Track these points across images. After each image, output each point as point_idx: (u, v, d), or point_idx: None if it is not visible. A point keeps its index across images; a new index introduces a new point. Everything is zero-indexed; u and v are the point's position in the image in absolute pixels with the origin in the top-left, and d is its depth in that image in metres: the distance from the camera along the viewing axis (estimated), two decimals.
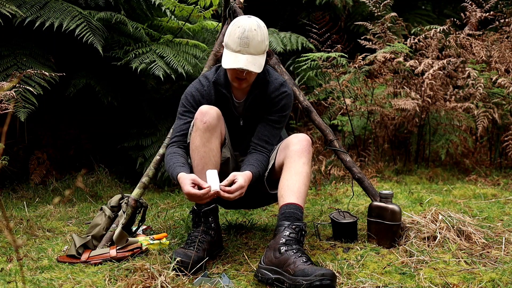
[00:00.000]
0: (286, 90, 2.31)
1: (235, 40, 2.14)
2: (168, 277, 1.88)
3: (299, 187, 2.11)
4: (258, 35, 2.15)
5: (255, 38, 2.14)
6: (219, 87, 2.31)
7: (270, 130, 2.31)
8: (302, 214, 2.08)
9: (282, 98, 2.30)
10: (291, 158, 2.16)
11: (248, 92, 2.32)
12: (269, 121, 2.32)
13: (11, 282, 1.95)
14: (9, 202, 3.30)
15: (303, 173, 2.13)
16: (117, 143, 4.04)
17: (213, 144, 2.18)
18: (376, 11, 4.38)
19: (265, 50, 2.20)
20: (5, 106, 2.63)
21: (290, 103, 2.34)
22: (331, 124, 4.53)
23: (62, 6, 3.48)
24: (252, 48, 2.14)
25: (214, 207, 2.23)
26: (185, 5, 4.01)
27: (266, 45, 2.19)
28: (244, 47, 2.13)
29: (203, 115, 2.16)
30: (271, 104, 2.30)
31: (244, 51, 2.13)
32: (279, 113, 2.31)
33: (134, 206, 2.42)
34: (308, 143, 2.20)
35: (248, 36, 2.13)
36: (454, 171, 4.29)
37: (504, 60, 4.21)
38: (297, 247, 1.96)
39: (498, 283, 1.87)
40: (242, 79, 2.20)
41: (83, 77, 3.83)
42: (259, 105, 2.32)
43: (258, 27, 2.16)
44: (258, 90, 2.30)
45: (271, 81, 2.31)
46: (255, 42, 2.14)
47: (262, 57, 2.18)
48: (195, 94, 2.32)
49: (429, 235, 2.30)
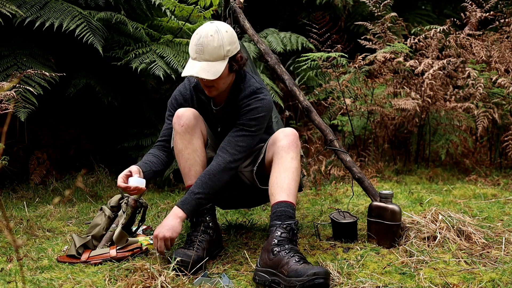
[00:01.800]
0: (258, 96, 2.22)
1: (192, 47, 2.13)
2: (168, 277, 1.88)
3: (289, 184, 2.09)
4: (215, 41, 2.09)
5: (210, 44, 2.08)
6: (198, 93, 2.32)
7: (236, 132, 2.22)
8: (294, 211, 2.07)
9: (251, 103, 2.21)
10: (279, 154, 2.14)
11: (225, 98, 2.29)
12: (237, 124, 2.24)
13: (11, 282, 1.95)
14: (9, 202, 3.29)
15: (292, 168, 2.12)
16: (117, 143, 4.04)
17: (196, 145, 2.19)
18: (376, 11, 4.38)
19: (225, 55, 2.12)
20: (5, 106, 2.64)
21: (262, 107, 2.22)
22: (331, 124, 4.53)
23: (62, 6, 3.48)
24: (207, 55, 2.09)
25: (211, 206, 2.24)
26: (185, 5, 4.01)
27: (227, 50, 2.11)
28: (199, 54, 2.10)
29: (180, 118, 2.19)
30: (241, 109, 2.24)
31: (200, 58, 2.11)
32: (247, 115, 2.21)
33: (134, 206, 2.42)
34: (295, 137, 2.17)
35: (203, 42, 2.09)
36: (454, 171, 4.29)
37: (504, 60, 4.21)
38: (289, 247, 1.96)
39: (498, 283, 1.87)
40: (209, 86, 2.18)
41: (83, 77, 3.83)
42: (233, 112, 2.27)
43: (216, 33, 2.10)
44: (232, 97, 2.27)
45: (243, 88, 2.25)
46: (210, 48, 2.09)
47: (219, 63, 2.11)
48: (178, 98, 2.35)
49: (429, 235, 2.30)
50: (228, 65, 2.15)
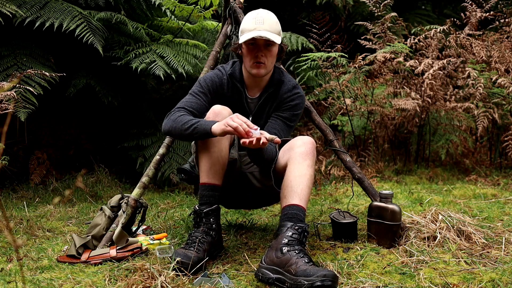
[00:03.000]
0: (299, 92, 2.35)
1: (250, 20, 2.22)
2: (168, 277, 1.88)
3: (303, 189, 2.10)
4: (273, 16, 2.24)
5: (270, 18, 2.23)
6: (234, 81, 2.33)
7: (281, 125, 2.32)
8: (305, 216, 2.08)
9: (294, 98, 2.33)
10: (296, 160, 2.15)
11: (262, 89, 2.34)
12: (280, 117, 2.32)
13: (11, 282, 1.95)
14: (9, 202, 3.30)
15: (307, 175, 2.13)
16: (117, 143, 4.04)
17: (223, 145, 2.18)
18: (376, 11, 4.38)
19: (279, 32, 2.24)
20: (5, 106, 2.63)
21: (302, 104, 2.36)
22: (331, 124, 4.53)
23: (62, 6, 3.48)
24: (268, 25, 2.20)
25: (216, 207, 2.23)
26: (185, 5, 4.01)
27: (280, 30, 2.25)
28: (259, 24, 2.20)
29: (216, 115, 2.15)
30: (284, 103, 2.33)
31: (260, 27, 2.19)
32: (291, 111, 2.33)
33: (134, 206, 2.42)
34: (313, 146, 2.20)
35: (263, 15, 2.22)
36: (454, 171, 4.29)
37: (504, 60, 4.21)
38: (299, 248, 1.96)
39: (498, 283, 1.87)
40: (260, 63, 2.23)
41: (83, 77, 3.83)
42: (271, 103, 2.34)
43: (270, 13, 2.25)
44: (273, 88, 2.33)
45: (285, 81, 2.35)
46: (270, 21, 2.22)
47: (277, 37, 2.22)
48: (215, 80, 2.33)
49: (429, 235, 2.30)
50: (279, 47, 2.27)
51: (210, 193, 2.20)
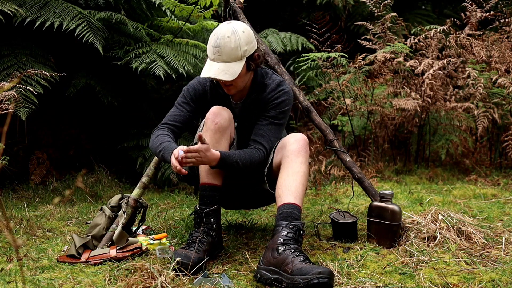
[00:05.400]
0: (284, 88, 2.30)
1: (210, 49, 2.17)
2: (168, 277, 1.88)
3: (297, 187, 2.10)
4: (232, 42, 2.12)
5: (228, 46, 2.12)
6: (217, 87, 2.33)
7: (267, 125, 2.28)
8: (300, 214, 2.08)
9: (279, 96, 2.28)
10: (288, 158, 2.16)
11: (246, 94, 2.32)
12: (266, 117, 2.29)
13: (11, 282, 1.95)
14: (9, 202, 3.29)
15: (301, 172, 2.13)
16: (117, 143, 4.04)
17: (222, 146, 2.19)
18: (376, 11, 4.38)
19: (242, 56, 2.15)
20: (5, 106, 2.63)
21: (288, 100, 2.30)
22: (331, 124, 4.53)
23: (62, 6, 3.48)
24: (225, 56, 2.13)
25: (217, 208, 2.23)
26: (185, 5, 4.01)
27: (244, 51, 2.15)
28: (217, 55, 2.14)
29: (215, 116, 2.17)
30: (268, 103, 2.29)
31: (217, 59, 2.14)
32: (277, 109, 2.28)
33: (134, 206, 2.42)
34: (305, 143, 2.19)
35: (220, 44, 2.12)
36: (454, 171, 4.29)
37: (504, 60, 4.21)
38: (295, 247, 1.96)
39: (498, 283, 1.87)
40: (228, 85, 2.22)
41: (83, 77, 3.83)
42: (256, 107, 2.31)
43: (233, 33, 2.13)
44: (256, 93, 2.30)
45: (268, 83, 2.30)
46: (228, 49, 2.12)
47: (237, 64, 2.15)
48: (197, 88, 2.35)
49: (429, 235, 2.30)
50: (245, 65, 2.19)
51: (210, 193, 2.21)
